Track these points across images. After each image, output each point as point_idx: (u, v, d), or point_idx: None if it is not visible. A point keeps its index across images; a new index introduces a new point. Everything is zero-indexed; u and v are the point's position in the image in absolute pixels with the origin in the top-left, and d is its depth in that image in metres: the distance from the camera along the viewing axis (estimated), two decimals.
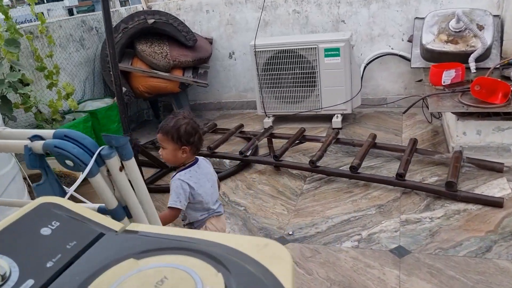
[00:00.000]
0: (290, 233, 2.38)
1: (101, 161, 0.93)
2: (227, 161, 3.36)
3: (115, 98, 3.71)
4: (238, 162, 3.24)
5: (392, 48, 4.04)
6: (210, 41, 4.57)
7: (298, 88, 3.89)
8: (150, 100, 4.56)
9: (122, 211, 0.99)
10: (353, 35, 4.00)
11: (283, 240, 2.31)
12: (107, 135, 0.92)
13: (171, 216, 1.72)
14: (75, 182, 0.99)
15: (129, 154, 0.96)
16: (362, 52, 4.14)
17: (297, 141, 3.38)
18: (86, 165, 0.90)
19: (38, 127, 3.11)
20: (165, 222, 1.67)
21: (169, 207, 1.72)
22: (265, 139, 3.50)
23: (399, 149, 3.04)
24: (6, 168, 2.04)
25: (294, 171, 3.06)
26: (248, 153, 3.25)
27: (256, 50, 3.84)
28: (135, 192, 1.00)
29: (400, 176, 2.58)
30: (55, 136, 0.98)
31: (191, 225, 1.86)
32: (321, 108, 3.88)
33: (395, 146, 3.13)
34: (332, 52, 3.63)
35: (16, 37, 2.91)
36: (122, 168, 0.96)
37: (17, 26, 3.11)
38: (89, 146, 0.94)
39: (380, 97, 4.27)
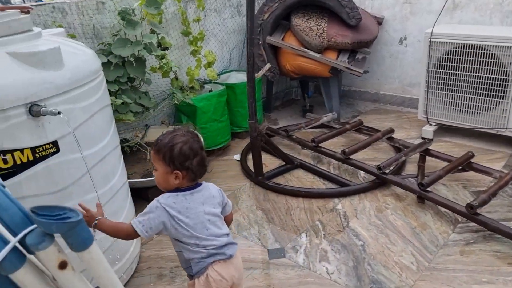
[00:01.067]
0: None
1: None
2: (361, 172, 2.78)
3: (259, 72, 3.41)
4: (373, 177, 2.64)
5: None
6: (380, 21, 3.86)
7: (478, 96, 2.99)
8: (297, 80, 4.15)
9: None
10: None
11: None
12: (41, 220, 0.53)
13: (126, 234, 1.35)
14: None
15: (81, 244, 0.56)
16: None
17: (459, 167, 2.59)
18: None
19: (172, 94, 3.00)
20: (115, 234, 1.35)
21: (130, 223, 1.34)
22: (417, 154, 2.79)
23: None
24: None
25: (444, 209, 2.33)
26: (389, 170, 2.61)
27: (432, 39, 3.04)
28: None
29: None
30: None
31: (190, 270, 1.42)
32: (506, 128, 2.92)
33: None
34: None
35: None
36: (64, 264, 0.57)
37: None
38: (11, 224, 0.56)
39: None
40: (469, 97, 3.02)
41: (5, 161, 1.41)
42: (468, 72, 2.96)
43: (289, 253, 2.10)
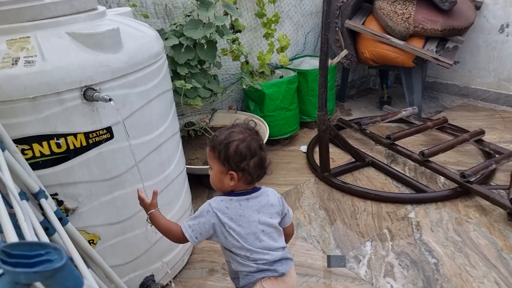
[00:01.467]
0: None
1: None
2: (441, 177, 2.47)
3: (334, 59, 3.19)
4: (455, 185, 2.33)
5: None
6: (478, 6, 3.41)
7: None
8: (375, 68, 3.83)
9: None
10: None
11: None
12: (7, 268, 0.41)
13: (176, 238, 1.27)
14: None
15: None
16: None
17: None
18: None
19: (241, 78, 2.88)
20: (165, 234, 1.29)
21: (181, 226, 1.25)
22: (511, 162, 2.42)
23: None
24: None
25: None
26: (475, 179, 2.29)
27: None
28: None
29: None
30: None
31: (237, 281, 1.29)
32: None
33: None
34: None
35: None
36: None
37: None
38: None
39: None
40: None
41: (58, 145, 1.38)
42: None
43: (350, 263, 1.91)
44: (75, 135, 1.39)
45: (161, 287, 1.73)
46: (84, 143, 1.41)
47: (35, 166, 1.38)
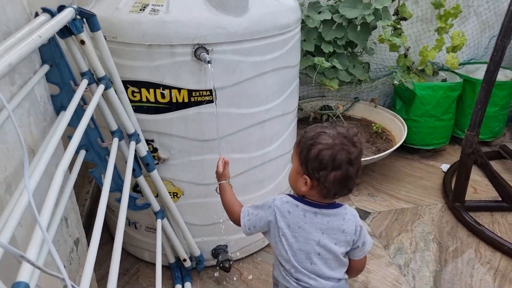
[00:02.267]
0: None
1: None
2: None
3: None
4: None
5: None
6: None
7: None
8: None
9: None
10: None
11: None
12: None
13: (234, 218, 1.20)
14: None
15: None
16: None
17: None
18: None
19: (392, 73, 2.58)
20: (225, 208, 1.24)
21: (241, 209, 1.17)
22: None
23: None
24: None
25: None
26: None
27: None
28: None
29: None
30: None
31: None
32: None
33: None
34: None
35: None
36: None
37: None
38: None
39: None
40: None
41: (162, 96, 1.42)
42: None
43: None
44: (179, 89, 1.41)
45: (231, 260, 1.71)
46: (186, 100, 1.43)
47: (140, 109, 1.45)
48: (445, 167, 2.60)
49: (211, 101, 1.44)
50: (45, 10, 1.04)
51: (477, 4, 2.82)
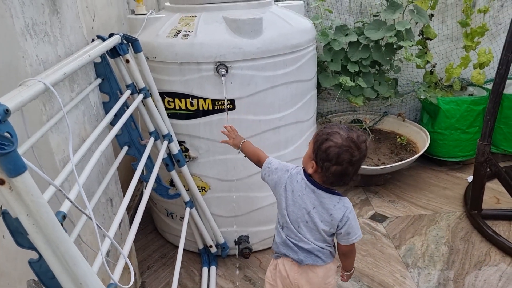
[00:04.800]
0: None
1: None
2: None
3: None
4: None
5: None
6: None
7: None
8: None
9: None
10: None
11: None
12: None
13: (260, 161, 1.43)
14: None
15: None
16: None
17: None
18: None
19: (416, 89, 2.73)
20: (251, 158, 1.46)
21: (267, 158, 1.42)
22: None
23: None
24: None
25: None
26: None
27: None
28: None
29: None
30: None
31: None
32: None
33: None
34: None
35: None
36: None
37: None
38: None
39: None
40: None
41: (191, 104, 1.73)
42: None
43: None
44: (204, 99, 1.72)
45: (250, 248, 1.96)
46: (211, 108, 1.73)
47: (174, 115, 1.78)
48: (471, 178, 2.67)
49: (232, 109, 1.72)
50: (99, 37, 1.41)
51: (507, 22, 2.89)
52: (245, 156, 1.50)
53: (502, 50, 1.95)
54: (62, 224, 0.81)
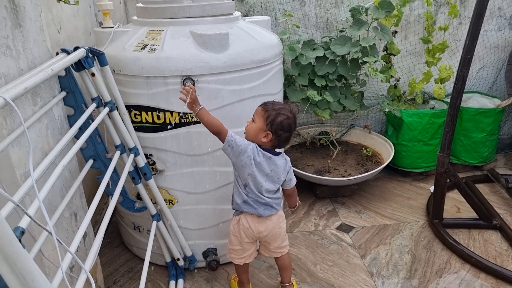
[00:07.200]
0: None
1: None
2: None
3: (504, 102, 2.82)
4: None
5: None
6: None
7: None
8: None
9: None
10: None
11: None
12: None
13: (220, 132, 1.59)
14: None
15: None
16: None
17: None
18: None
19: (381, 103, 2.82)
20: (208, 126, 1.59)
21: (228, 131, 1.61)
22: None
23: None
24: None
25: None
26: None
27: None
28: None
29: None
30: None
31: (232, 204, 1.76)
32: None
33: None
34: None
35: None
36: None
37: None
38: None
39: None
40: None
41: (158, 117, 1.74)
42: None
43: None
44: (171, 112, 1.73)
45: (217, 260, 1.96)
46: (177, 121, 1.74)
47: (141, 129, 1.78)
48: (433, 189, 2.76)
49: (198, 122, 1.74)
50: (63, 50, 1.40)
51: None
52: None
53: (458, 66, 2.05)
54: (20, 240, 0.81)
